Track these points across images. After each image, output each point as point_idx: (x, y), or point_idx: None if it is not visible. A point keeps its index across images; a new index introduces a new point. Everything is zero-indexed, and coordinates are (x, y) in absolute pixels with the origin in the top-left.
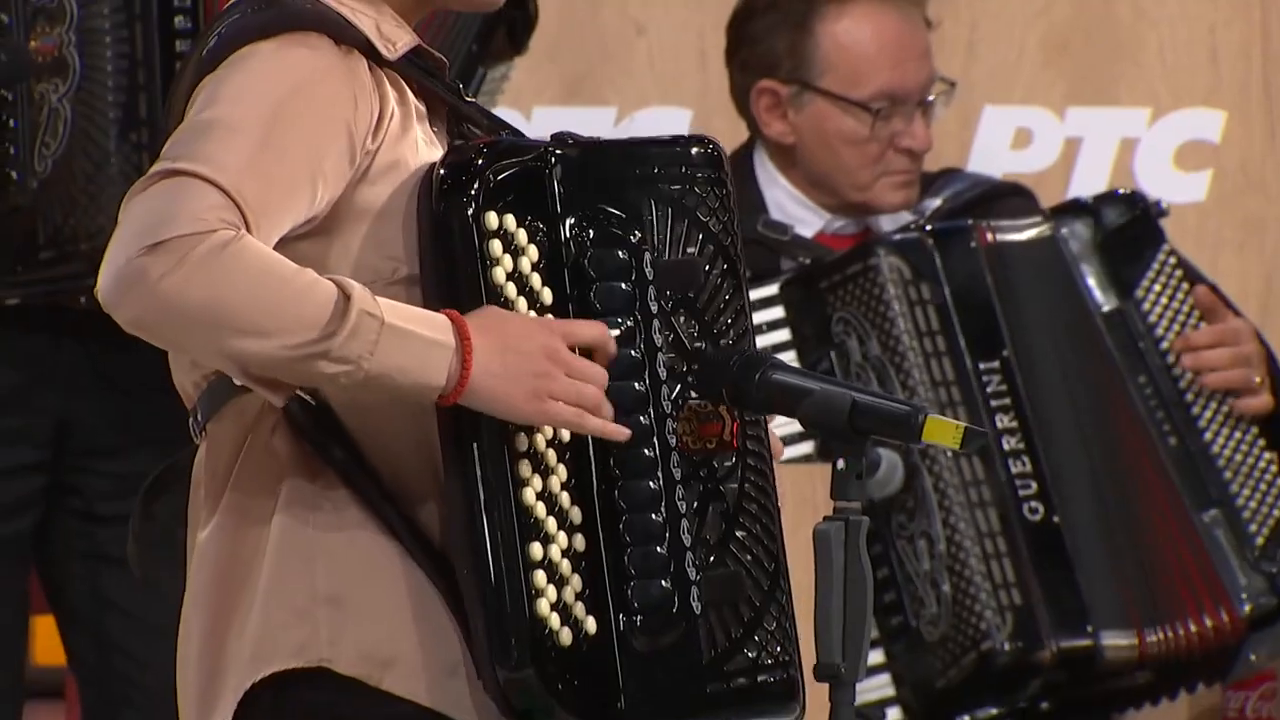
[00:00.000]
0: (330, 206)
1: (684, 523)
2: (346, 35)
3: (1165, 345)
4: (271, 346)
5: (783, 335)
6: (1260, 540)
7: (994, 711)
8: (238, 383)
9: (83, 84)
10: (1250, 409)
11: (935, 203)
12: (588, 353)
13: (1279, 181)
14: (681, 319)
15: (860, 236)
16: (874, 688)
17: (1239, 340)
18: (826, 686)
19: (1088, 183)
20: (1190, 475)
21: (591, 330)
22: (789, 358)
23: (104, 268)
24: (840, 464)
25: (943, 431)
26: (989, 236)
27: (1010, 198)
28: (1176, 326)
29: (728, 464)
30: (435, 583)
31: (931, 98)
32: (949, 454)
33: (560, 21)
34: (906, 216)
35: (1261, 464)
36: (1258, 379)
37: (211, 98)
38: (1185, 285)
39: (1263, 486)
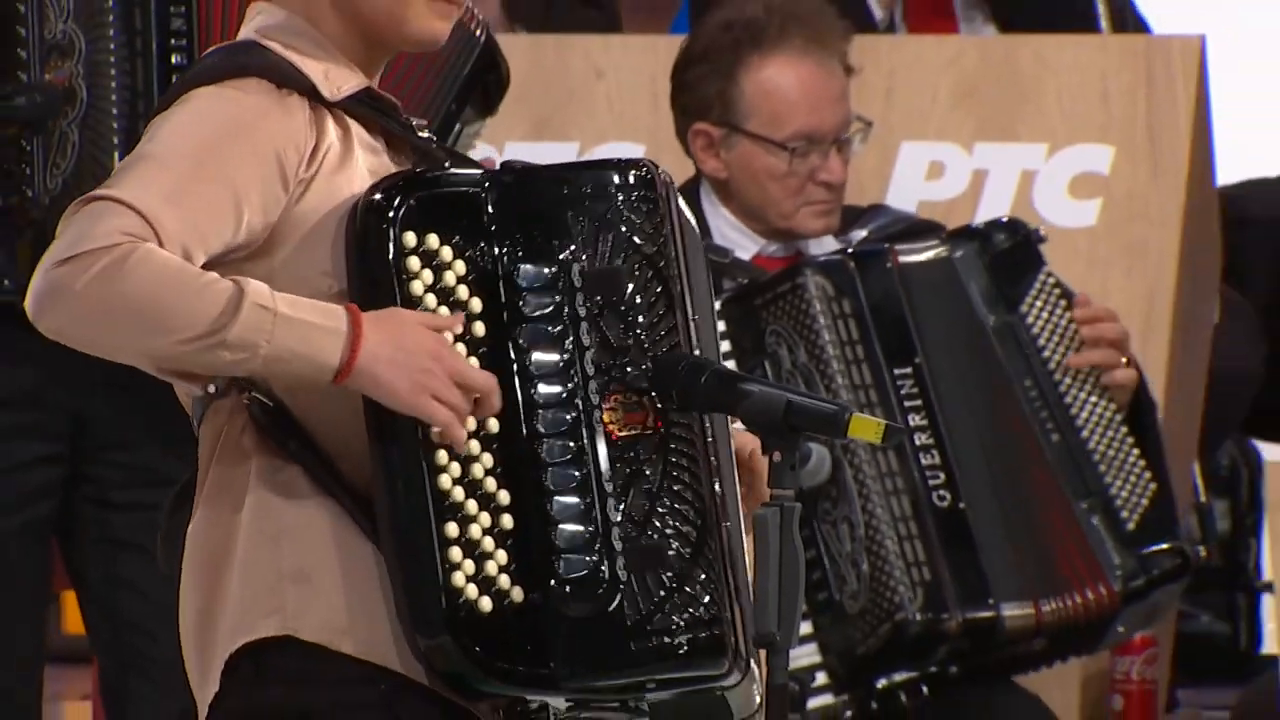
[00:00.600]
0: (268, 230)
1: (610, 501)
2: (289, 79)
3: (1046, 354)
4: (171, 341)
5: (724, 346)
6: (1131, 526)
7: (907, 675)
8: (211, 389)
9: (89, 112)
10: (1120, 380)
11: (862, 234)
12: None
13: (1160, 209)
14: (608, 322)
15: (792, 259)
16: (803, 655)
17: (1109, 320)
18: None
19: (993, 210)
20: (1070, 468)
21: (482, 380)
22: (729, 365)
23: (34, 279)
24: (776, 457)
25: (865, 428)
26: (899, 259)
27: (926, 234)
28: (1056, 338)
29: (652, 448)
30: (386, 557)
31: (848, 136)
32: (868, 448)
33: (530, 67)
34: (833, 244)
35: (1131, 459)
36: (1124, 360)
37: (151, 136)
38: (1063, 302)
39: (1132, 479)
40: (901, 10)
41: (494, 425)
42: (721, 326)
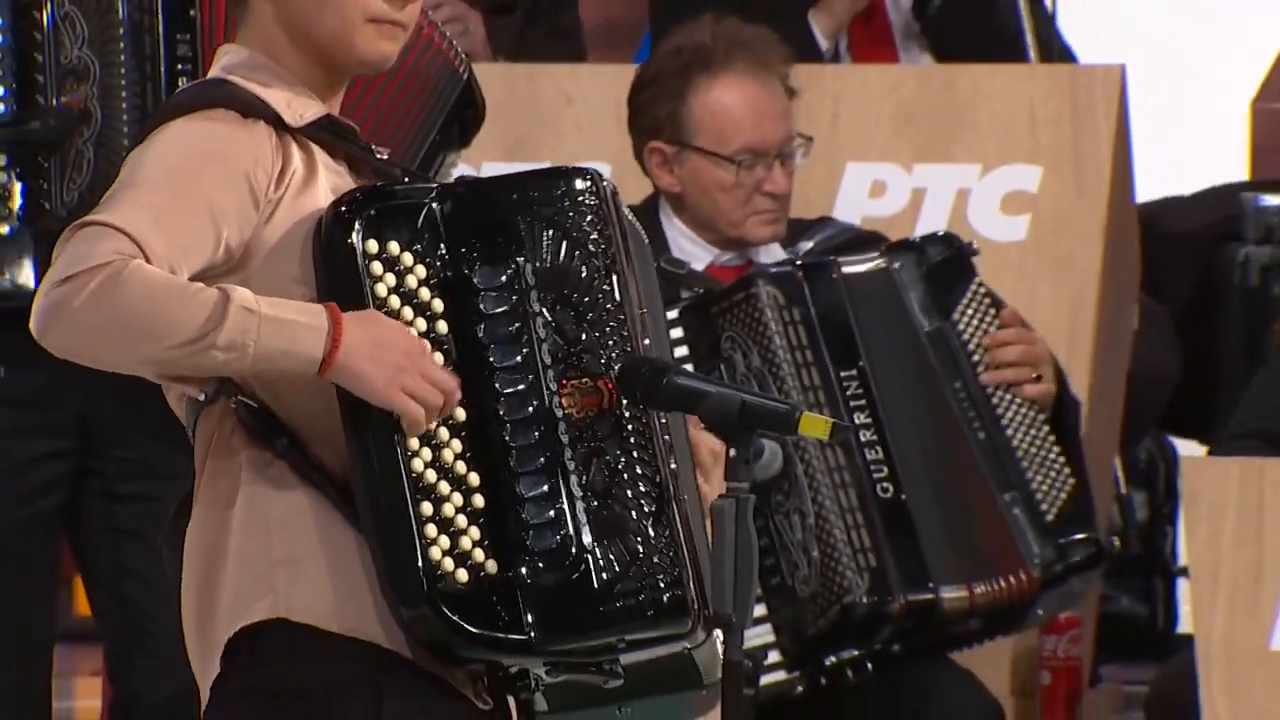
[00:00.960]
0: (243, 247)
1: (573, 477)
2: (253, 109)
3: (976, 359)
4: (166, 346)
5: (682, 351)
6: (1050, 518)
7: (854, 653)
8: (202, 395)
9: (104, 131)
10: (1030, 394)
11: (809, 245)
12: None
13: (1085, 225)
14: (561, 315)
15: (743, 268)
16: (757, 635)
17: (1033, 343)
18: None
19: (931, 225)
20: (995, 464)
21: (446, 380)
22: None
23: (36, 300)
24: (731, 452)
25: (815, 426)
26: (843, 270)
27: (868, 244)
28: (977, 332)
29: (609, 428)
30: (368, 540)
31: (791, 150)
32: (817, 445)
33: (505, 93)
34: (781, 253)
35: (1051, 456)
36: (1039, 375)
37: (133, 165)
38: (993, 311)
39: (1052, 474)
40: (846, 42)
41: (461, 414)
42: (679, 333)
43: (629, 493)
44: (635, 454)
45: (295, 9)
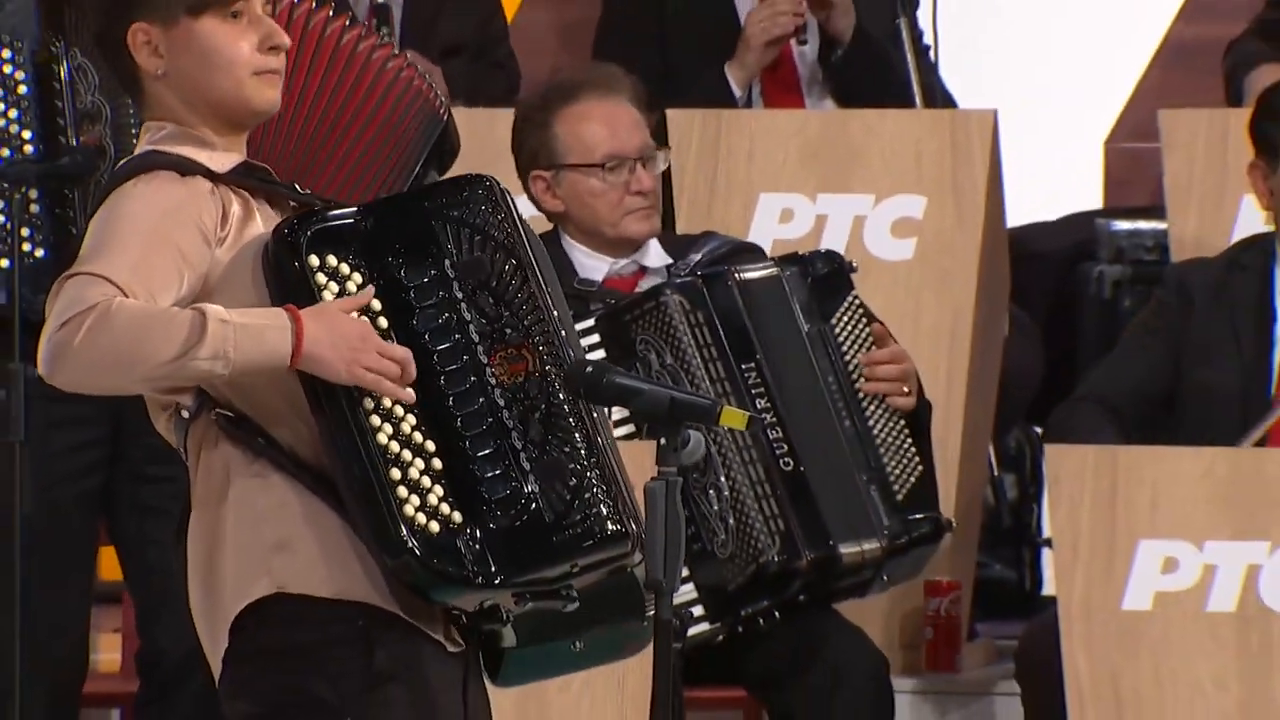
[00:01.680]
0: (201, 280)
1: (513, 434)
2: (186, 168)
3: (848, 358)
4: (156, 364)
5: (599, 354)
6: (900, 498)
7: (765, 604)
8: (182, 410)
9: (117, 164)
10: (900, 405)
11: (697, 257)
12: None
13: (963, 247)
14: (481, 299)
15: (638, 274)
16: (683, 594)
17: (902, 361)
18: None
19: (832, 246)
20: (857, 448)
21: (400, 352)
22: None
23: (40, 347)
24: (662, 441)
25: (733, 418)
26: (738, 276)
27: (747, 253)
28: (856, 346)
29: (537, 387)
30: (343, 518)
31: (652, 154)
32: (729, 430)
33: (465, 135)
34: (665, 257)
35: (905, 446)
36: (907, 389)
37: (101, 221)
38: (865, 320)
39: (904, 462)
40: (760, 89)
41: (411, 394)
42: (596, 339)
43: (562, 439)
44: (562, 406)
45: (186, 82)
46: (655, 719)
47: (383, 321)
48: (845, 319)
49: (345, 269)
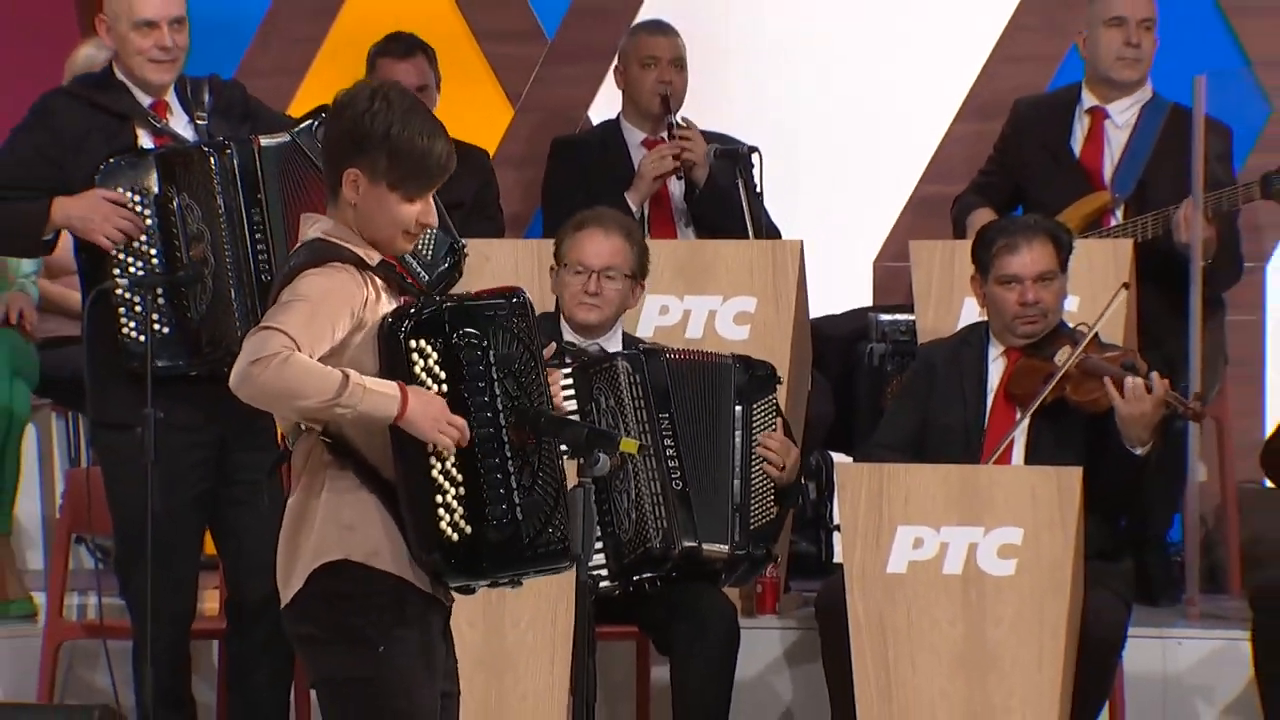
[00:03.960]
0: (341, 340)
1: (512, 478)
2: (349, 259)
3: (755, 434)
4: (311, 404)
5: (571, 393)
6: (752, 529)
7: (650, 575)
8: (302, 426)
9: (216, 269)
10: (773, 474)
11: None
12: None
13: (781, 331)
14: (509, 382)
15: (599, 348)
16: (596, 563)
17: (788, 449)
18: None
19: (694, 333)
20: (735, 487)
21: (462, 424)
22: (573, 405)
23: (233, 370)
24: (581, 461)
25: (629, 445)
26: (674, 357)
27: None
28: (762, 426)
29: (533, 449)
30: (395, 518)
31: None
32: (644, 456)
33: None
34: (618, 340)
35: (769, 498)
36: (784, 466)
37: (289, 293)
38: (775, 413)
39: (764, 508)
40: (648, 221)
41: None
42: (570, 381)
43: (542, 486)
44: (545, 463)
45: (364, 216)
46: (576, 646)
47: (446, 388)
48: (762, 407)
49: (428, 349)
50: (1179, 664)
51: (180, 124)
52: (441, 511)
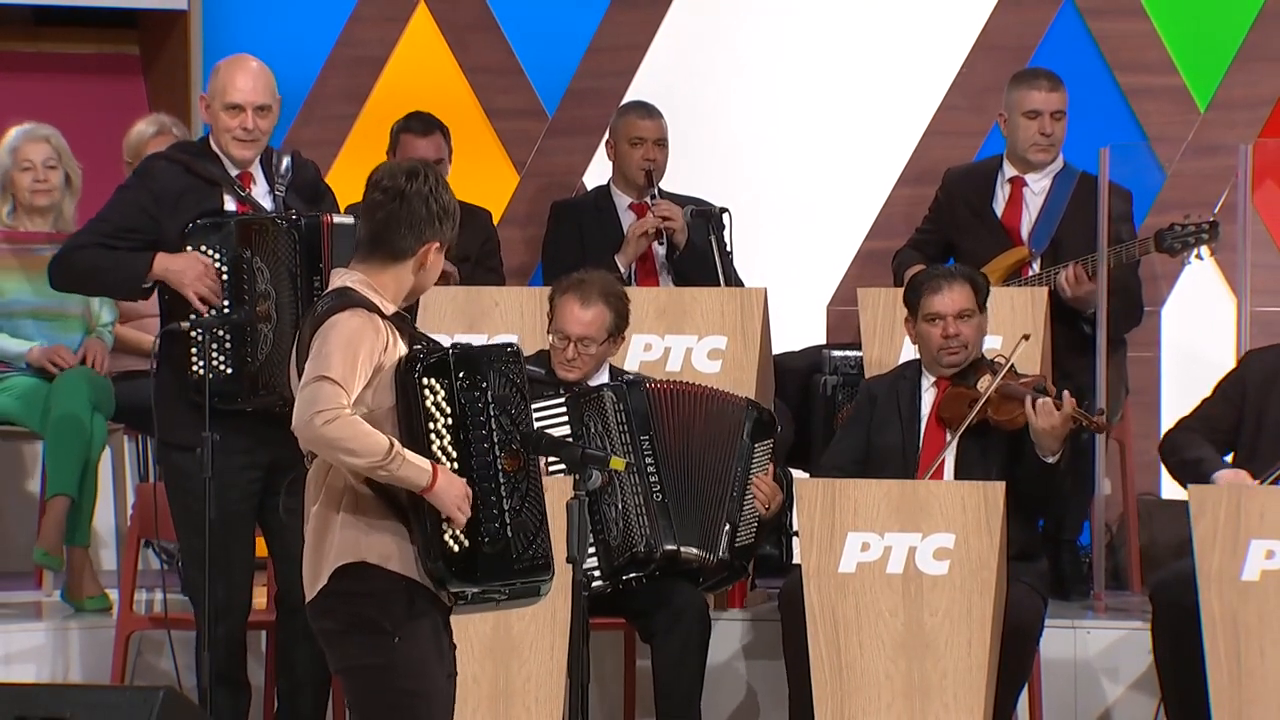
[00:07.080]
0: (366, 381)
1: (505, 500)
2: (372, 308)
3: (752, 469)
4: (361, 462)
5: (563, 417)
6: (737, 545)
7: (636, 575)
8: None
9: (277, 325)
10: (759, 510)
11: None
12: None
13: (748, 366)
14: (503, 418)
15: (593, 386)
16: (589, 564)
17: (776, 495)
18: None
19: (674, 368)
20: (730, 506)
21: (469, 493)
22: (565, 428)
23: (295, 416)
24: (576, 477)
25: (617, 463)
26: (650, 387)
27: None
28: (759, 464)
29: (523, 475)
30: (406, 528)
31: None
32: (630, 473)
33: (464, 298)
34: (605, 375)
35: (753, 524)
36: (769, 505)
37: (324, 340)
38: (770, 456)
39: (748, 531)
40: (635, 274)
41: (464, 507)
42: (563, 409)
43: (530, 508)
44: (534, 487)
45: (426, 275)
46: (573, 636)
47: (451, 422)
48: (759, 449)
49: (438, 388)
50: (1088, 650)
51: (260, 193)
52: (445, 526)
